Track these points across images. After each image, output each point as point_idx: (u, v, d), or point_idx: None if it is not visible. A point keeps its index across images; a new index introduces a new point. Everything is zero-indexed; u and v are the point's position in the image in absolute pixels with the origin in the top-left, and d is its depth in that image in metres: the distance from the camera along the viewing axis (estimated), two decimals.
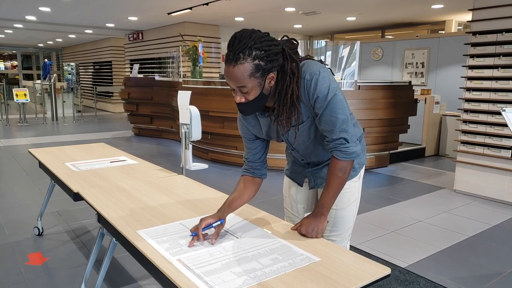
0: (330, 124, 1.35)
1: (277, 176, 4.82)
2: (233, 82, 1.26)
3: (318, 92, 1.32)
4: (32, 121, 10.31)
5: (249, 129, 1.53)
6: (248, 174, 1.56)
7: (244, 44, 1.22)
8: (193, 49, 6.54)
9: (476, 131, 4.23)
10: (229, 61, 1.24)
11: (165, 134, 7.88)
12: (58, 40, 14.47)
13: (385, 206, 3.93)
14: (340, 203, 1.56)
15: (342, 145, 1.37)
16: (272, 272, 1.15)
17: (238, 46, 1.22)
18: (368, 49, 9.02)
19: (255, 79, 1.25)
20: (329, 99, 1.32)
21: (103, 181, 2.14)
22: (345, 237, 1.63)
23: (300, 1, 6.70)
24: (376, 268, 1.19)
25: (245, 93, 1.28)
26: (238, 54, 1.22)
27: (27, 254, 2.79)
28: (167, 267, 1.18)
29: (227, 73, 1.26)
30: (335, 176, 1.39)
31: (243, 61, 1.22)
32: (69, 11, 7.88)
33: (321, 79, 1.31)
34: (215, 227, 1.39)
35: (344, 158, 1.37)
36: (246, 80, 1.24)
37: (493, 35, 4.02)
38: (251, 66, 1.22)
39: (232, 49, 1.23)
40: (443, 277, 2.54)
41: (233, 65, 1.23)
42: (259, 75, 1.25)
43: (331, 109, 1.33)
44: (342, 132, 1.35)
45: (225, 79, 1.29)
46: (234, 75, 1.24)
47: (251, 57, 1.22)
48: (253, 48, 1.22)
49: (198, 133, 2.40)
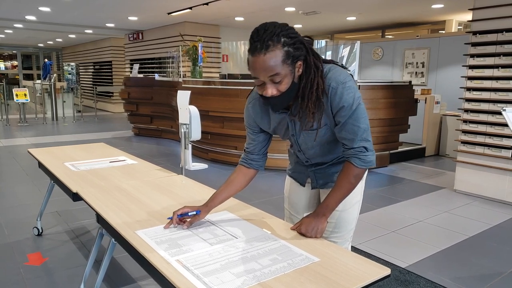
0: (352, 133, 1.35)
1: (277, 176, 4.81)
2: (265, 72, 1.22)
3: (344, 101, 1.30)
4: (32, 121, 10.31)
5: (256, 121, 1.51)
6: (245, 164, 1.57)
7: (271, 32, 1.20)
8: (193, 49, 6.54)
9: (477, 131, 4.23)
10: (257, 51, 1.20)
11: (165, 134, 7.88)
12: (58, 40, 14.47)
13: (385, 206, 3.92)
14: (342, 205, 1.55)
15: (361, 153, 1.36)
16: (271, 273, 1.14)
17: (265, 35, 1.20)
18: (369, 49, 9.01)
19: (287, 66, 1.23)
20: (354, 109, 1.31)
21: (103, 181, 2.14)
22: (346, 239, 1.62)
23: (300, 1, 6.69)
24: (376, 268, 1.18)
25: (278, 83, 1.25)
26: (267, 42, 1.19)
27: (26, 254, 2.78)
28: (165, 267, 1.17)
29: (256, 64, 1.21)
30: (348, 181, 1.38)
31: (273, 48, 1.19)
32: (69, 11, 7.88)
33: (348, 88, 1.30)
34: (191, 216, 1.48)
35: (361, 165, 1.37)
36: (279, 67, 1.21)
37: (493, 34, 4.01)
38: (282, 53, 1.20)
39: (259, 39, 1.20)
40: (443, 277, 2.54)
41: (264, 53, 1.19)
42: (290, 62, 1.23)
43: (355, 118, 1.32)
44: (363, 141, 1.35)
45: (253, 73, 1.25)
46: (266, 64, 1.20)
47: (280, 44, 1.20)
48: (280, 35, 1.20)
49: (198, 133, 2.40)
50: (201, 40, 6.66)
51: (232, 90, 5.26)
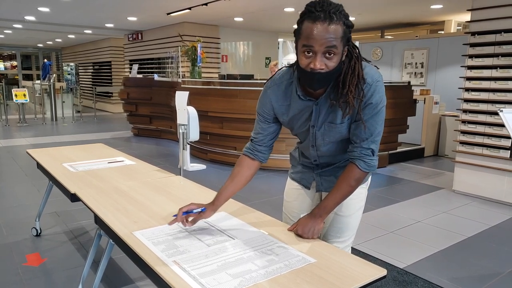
0: (368, 133, 1.35)
1: (276, 176, 4.82)
2: (324, 41, 1.19)
3: (373, 99, 1.31)
4: (31, 121, 10.31)
5: (274, 107, 1.46)
6: (249, 155, 1.53)
7: (336, 7, 1.20)
8: (192, 49, 6.55)
9: (475, 131, 4.23)
10: (321, 19, 1.19)
11: (164, 135, 7.88)
12: (57, 40, 14.47)
13: (384, 207, 3.93)
14: (347, 210, 1.55)
15: (367, 156, 1.37)
16: (267, 274, 1.15)
17: (330, 7, 1.19)
18: (368, 49, 9.02)
19: (341, 44, 1.23)
20: (378, 109, 1.33)
21: (101, 181, 2.14)
22: (348, 245, 1.62)
23: (299, 1, 6.70)
24: (372, 269, 1.19)
25: (329, 58, 1.23)
26: (332, 14, 1.19)
27: (25, 255, 2.78)
28: (162, 268, 1.18)
29: (317, 31, 1.19)
30: (348, 184, 1.38)
31: (337, 21, 1.20)
32: (68, 11, 7.88)
33: (380, 87, 1.32)
34: (196, 213, 1.44)
35: (365, 169, 1.37)
36: (338, 41, 1.21)
37: (491, 35, 4.01)
38: (342, 29, 1.21)
39: (323, 9, 1.19)
40: (442, 278, 2.54)
41: (328, 22, 1.19)
42: (345, 41, 1.24)
43: (376, 119, 1.34)
44: (373, 144, 1.36)
45: (307, 41, 1.21)
46: (328, 34, 1.19)
47: (342, 21, 1.21)
48: (342, 13, 1.21)
49: (196, 134, 2.40)
50: (200, 41, 6.67)
51: (231, 91, 5.26)
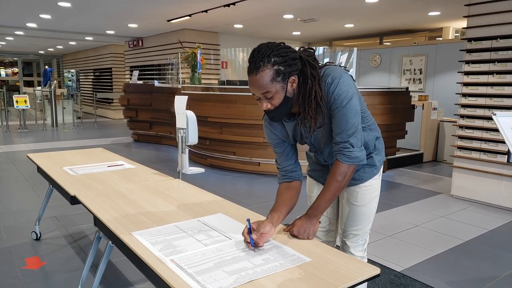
0: (340, 126, 1.42)
1: (274, 181, 4.83)
2: (257, 89, 1.34)
3: (336, 94, 1.39)
4: (32, 127, 10.34)
5: (277, 134, 1.59)
6: (285, 180, 1.60)
7: (262, 54, 1.32)
8: (192, 55, 6.60)
9: (472, 136, 4.26)
10: (251, 71, 1.33)
11: (164, 140, 7.91)
12: (58, 47, 14.55)
13: (382, 211, 3.94)
14: (361, 200, 1.64)
15: (346, 149, 1.43)
16: (263, 271, 1.17)
17: (257, 56, 1.32)
18: (367, 55, 9.08)
19: (277, 83, 1.33)
20: (344, 103, 1.39)
21: (100, 184, 2.16)
22: (365, 231, 1.70)
23: (298, 9, 6.76)
24: (365, 268, 1.21)
25: (270, 99, 1.36)
26: (258, 63, 1.31)
27: (24, 258, 2.80)
28: (159, 267, 1.20)
29: (250, 83, 1.35)
30: (334, 179, 1.44)
31: (263, 68, 1.31)
32: (69, 19, 7.95)
33: (341, 82, 1.39)
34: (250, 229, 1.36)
35: (346, 161, 1.43)
36: (269, 85, 1.32)
37: (488, 41, 4.06)
38: (271, 72, 1.31)
39: (252, 60, 1.33)
40: (439, 281, 2.55)
41: (255, 73, 1.32)
42: (280, 79, 1.33)
43: (344, 112, 1.40)
44: (350, 136, 1.42)
45: (251, 90, 1.38)
46: (258, 83, 1.32)
47: (270, 64, 1.31)
48: (271, 55, 1.31)
49: (195, 137, 2.43)
50: (200, 47, 6.72)
51: (230, 96, 5.30)
